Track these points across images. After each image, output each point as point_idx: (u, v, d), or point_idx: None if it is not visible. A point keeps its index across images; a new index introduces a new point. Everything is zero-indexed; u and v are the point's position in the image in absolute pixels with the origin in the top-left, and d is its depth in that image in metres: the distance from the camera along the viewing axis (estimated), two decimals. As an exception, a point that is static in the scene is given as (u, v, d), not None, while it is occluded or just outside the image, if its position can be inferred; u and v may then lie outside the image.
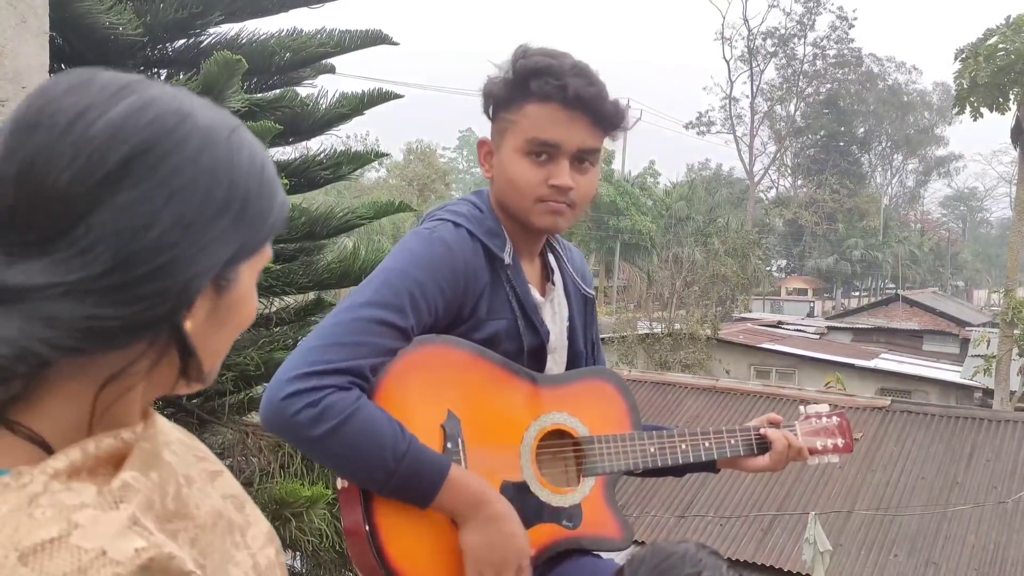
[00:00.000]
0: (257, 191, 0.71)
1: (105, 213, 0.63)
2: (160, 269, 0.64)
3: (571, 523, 1.52)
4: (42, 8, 2.75)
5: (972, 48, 15.18)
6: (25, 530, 0.58)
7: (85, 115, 0.64)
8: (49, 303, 0.62)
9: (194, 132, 0.67)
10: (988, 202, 69.88)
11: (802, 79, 51.68)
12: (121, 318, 0.64)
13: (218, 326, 0.72)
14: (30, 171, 0.63)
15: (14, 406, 0.65)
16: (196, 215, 0.66)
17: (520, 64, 1.47)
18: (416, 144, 40.77)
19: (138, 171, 0.64)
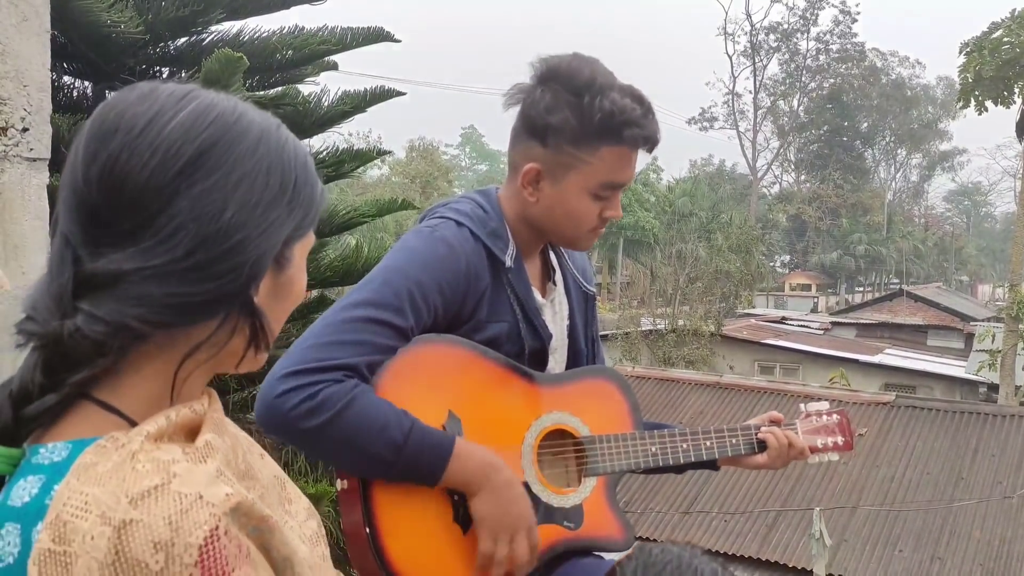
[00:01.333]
0: (304, 178, 0.80)
1: (183, 202, 0.72)
2: (233, 248, 0.74)
3: (572, 524, 1.51)
4: (43, 7, 2.75)
5: (977, 42, 15.13)
6: (131, 480, 0.68)
7: (158, 118, 0.73)
8: (138, 285, 0.71)
9: (251, 127, 0.77)
10: (992, 197, 69.69)
11: (805, 74, 51.58)
12: (202, 294, 0.73)
13: (277, 301, 0.81)
14: (112, 172, 0.72)
15: (99, 383, 0.74)
16: (259, 198, 0.76)
17: (608, 108, 1.42)
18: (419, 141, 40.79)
19: (209, 163, 0.73)
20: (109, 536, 0.66)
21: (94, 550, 0.66)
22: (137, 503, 0.67)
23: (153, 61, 5.16)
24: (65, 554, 0.66)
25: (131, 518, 0.66)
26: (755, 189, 49.41)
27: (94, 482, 0.68)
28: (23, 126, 2.88)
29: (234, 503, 0.70)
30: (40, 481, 0.71)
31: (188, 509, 0.67)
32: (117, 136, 0.72)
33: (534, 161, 1.48)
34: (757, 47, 50.12)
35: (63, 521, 0.67)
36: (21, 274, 2.69)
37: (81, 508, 0.67)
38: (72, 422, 0.74)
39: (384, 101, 5.78)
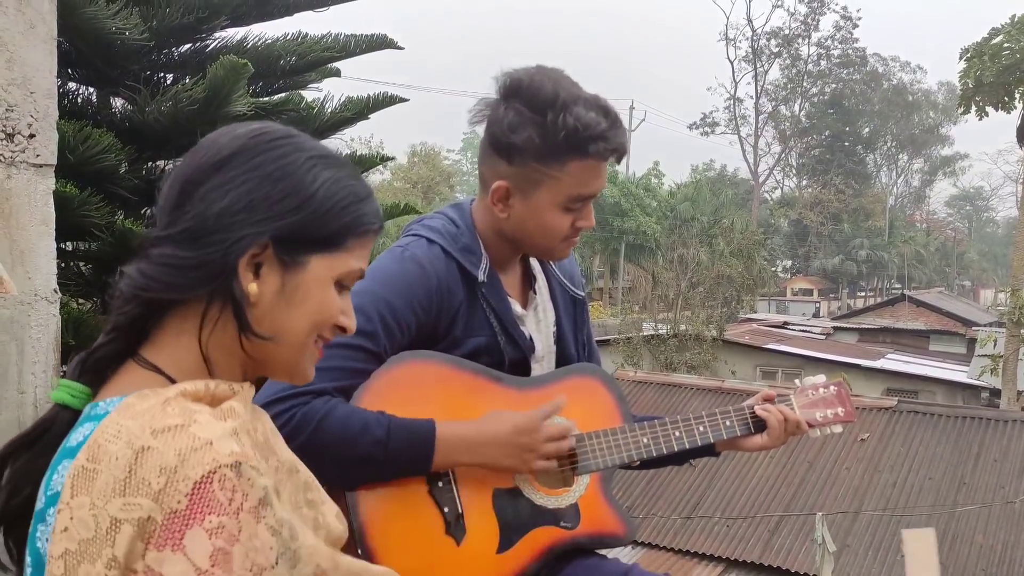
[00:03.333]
0: (327, 197, 0.92)
1: (204, 188, 0.89)
2: (222, 227, 0.87)
3: (569, 524, 1.51)
4: (50, 14, 2.77)
5: (977, 47, 15.15)
6: (159, 418, 0.81)
7: (224, 134, 0.93)
8: (149, 247, 0.90)
9: (285, 146, 0.92)
10: (994, 201, 69.57)
11: (806, 79, 51.58)
12: (187, 258, 0.87)
13: (287, 304, 0.91)
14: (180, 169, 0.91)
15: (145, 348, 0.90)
16: (261, 195, 0.89)
17: (571, 125, 1.42)
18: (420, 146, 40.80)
19: (234, 162, 0.90)
20: (129, 458, 0.78)
21: (115, 468, 0.78)
22: (157, 435, 0.79)
23: (158, 67, 5.19)
24: (94, 470, 0.79)
25: (149, 445, 0.79)
26: (757, 194, 49.38)
27: (129, 416, 0.82)
28: (30, 132, 2.89)
29: (235, 460, 0.79)
30: (92, 427, 0.84)
31: (197, 448, 0.78)
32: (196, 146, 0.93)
33: (502, 178, 1.49)
34: (759, 52, 50.15)
35: (98, 444, 0.80)
36: (27, 279, 2.70)
37: (114, 435, 0.80)
38: (125, 380, 0.89)
39: (387, 107, 5.81)
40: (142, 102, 4.76)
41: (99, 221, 4.50)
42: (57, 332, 2.61)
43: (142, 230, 4.49)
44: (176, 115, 4.65)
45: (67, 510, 0.79)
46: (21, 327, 2.57)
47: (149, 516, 0.76)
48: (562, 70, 1.49)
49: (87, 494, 0.78)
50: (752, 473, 9.71)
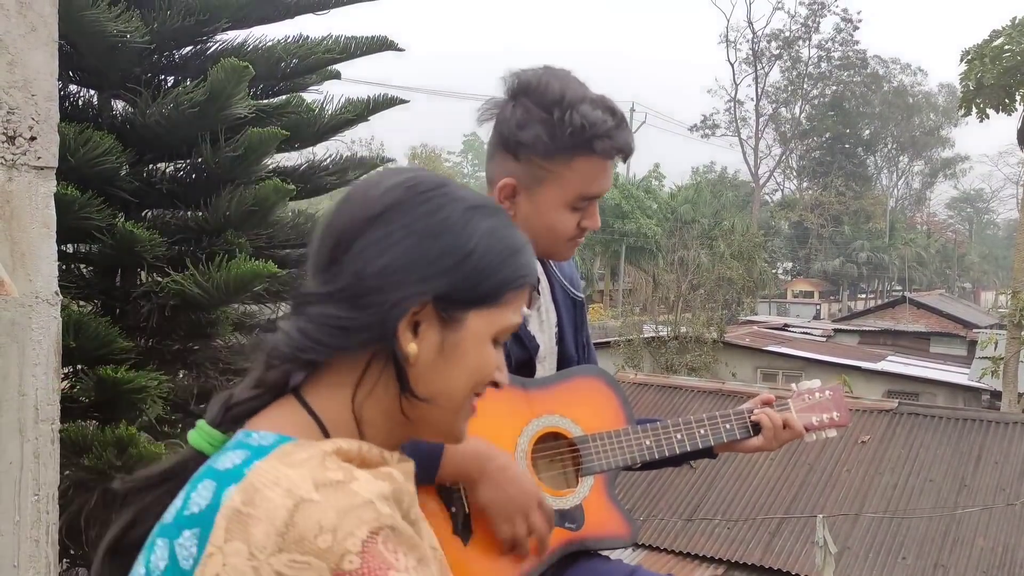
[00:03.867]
0: (485, 252, 0.89)
1: (361, 244, 0.87)
2: (384, 286, 0.86)
3: (574, 525, 1.52)
4: (51, 16, 2.77)
5: (978, 49, 15.14)
6: (319, 471, 0.79)
7: (375, 184, 0.91)
8: (310, 306, 0.88)
9: (440, 197, 0.90)
10: (995, 204, 69.59)
11: (807, 81, 51.59)
12: (348, 319, 0.86)
13: (446, 363, 0.89)
14: (327, 220, 0.91)
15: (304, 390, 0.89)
16: (420, 253, 0.87)
17: (577, 122, 1.44)
18: (421, 148, 40.83)
19: (389, 216, 0.88)
20: (289, 508, 0.75)
21: (274, 517, 0.75)
22: (320, 488, 0.77)
23: (159, 70, 5.20)
24: (249, 516, 0.76)
25: (311, 497, 0.76)
26: (757, 196, 49.39)
27: (289, 464, 0.79)
28: (31, 135, 2.90)
29: (393, 523, 0.78)
30: (244, 455, 0.83)
31: (358, 507, 0.77)
32: (345, 196, 0.93)
33: (508, 176, 1.50)
34: (759, 54, 50.16)
35: (256, 488, 0.77)
36: (28, 281, 2.71)
37: (273, 481, 0.78)
38: (279, 415, 0.88)
39: (387, 109, 5.82)
40: (143, 105, 4.76)
41: (100, 223, 4.50)
42: (58, 334, 2.62)
43: (144, 233, 4.50)
44: (177, 117, 4.66)
45: (219, 555, 0.76)
46: (22, 329, 2.57)
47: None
48: (569, 71, 1.51)
49: (243, 542, 0.75)
50: (753, 475, 9.70)
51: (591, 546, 1.56)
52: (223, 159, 4.79)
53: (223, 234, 4.91)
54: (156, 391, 4.43)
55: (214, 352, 5.22)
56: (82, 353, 4.36)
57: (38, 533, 2.56)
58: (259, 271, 4.50)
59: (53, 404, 2.59)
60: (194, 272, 4.57)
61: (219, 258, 4.64)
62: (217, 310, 4.93)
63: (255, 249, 5.07)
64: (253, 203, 4.74)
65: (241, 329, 5.59)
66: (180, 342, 5.13)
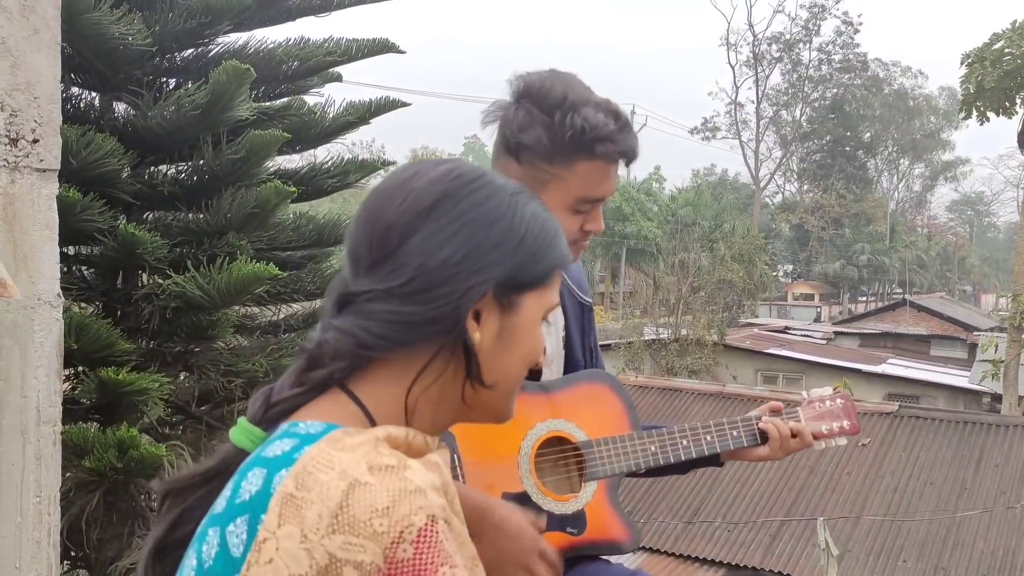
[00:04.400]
0: (535, 236, 0.91)
1: (416, 239, 0.87)
2: (448, 279, 0.86)
3: (576, 530, 1.52)
4: (54, 19, 2.78)
5: (978, 53, 15.16)
6: (373, 455, 0.78)
7: (416, 176, 0.91)
8: (368, 303, 0.87)
9: (485, 187, 0.91)
10: (995, 206, 69.59)
11: (808, 84, 51.60)
12: (416, 314, 0.86)
13: (505, 347, 0.91)
14: (372, 214, 0.90)
15: (350, 381, 0.88)
16: (477, 242, 0.88)
17: (579, 125, 1.43)
18: (422, 151, 40.87)
19: (441, 209, 0.88)
20: (343, 490, 0.74)
21: (327, 499, 0.74)
22: (374, 471, 0.76)
23: (160, 72, 5.21)
24: (303, 499, 0.75)
25: (366, 480, 0.75)
26: (758, 199, 49.40)
27: (341, 448, 0.79)
28: (33, 137, 2.91)
29: (442, 514, 0.77)
30: (293, 443, 0.81)
31: (412, 492, 0.75)
32: (382, 190, 0.91)
33: (511, 178, 1.49)
34: (759, 57, 50.17)
35: (308, 472, 0.76)
36: (30, 283, 2.71)
37: (326, 464, 0.77)
38: (326, 405, 0.87)
39: (388, 111, 5.82)
40: (144, 107, 4.77)
41: (101, 226, 4.51)
42: (60, 336, 2.62)
43: (146, 235, 4.51)
44: (179, 120, 4.67)
45: (272, 539, 0.75)
46: (24, 331, 2.57)
47: (372, 561, 0.73)
48: (575, 75, 1.50)
49: (297, 524, 0.74)
50: (753, 478, 9.70)
51: (593, 551, 1.55)
52: (224, 161, 4.80)
53: (224, 236, 4.91)
54: (157, 393, 4.43)
55: (215, 354, 5.22)
56: (83, 355, 4.37)
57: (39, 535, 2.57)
58: (260, 273, 4.50)
59: (55, 406, 2.59)
60: (195, 274, 4.58)
61: (220, 260, 4.65)
62: (218, 312, 4.94)
63: (256, 251, 5.08)
64: (254, 205, 4.76)
65: (242, 331, 5.59)
66: (181, 344, 5.13)
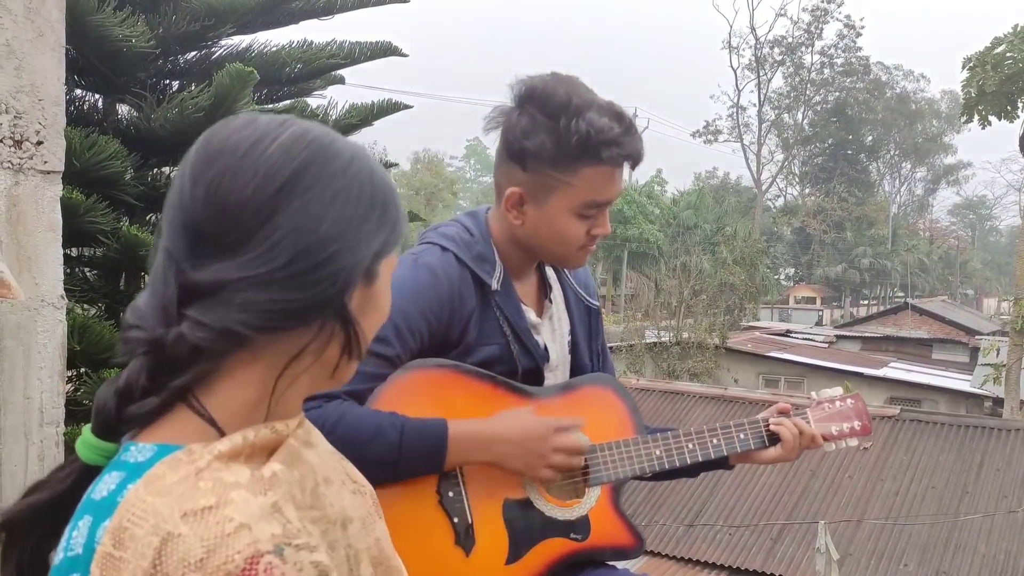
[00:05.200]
0: (390, 199, 0.85)
1: (283, 216, 0.77)
2: (329, 258, 0.78)
3: (579, 535, 1.50)
4: (59, 22, 2.79)
5: (980, 57, 15.16)
6: (189, 496, 0.71)
7: (261, 141, 0.79)
8: (242, 292, 0.76)
9: (343, 148, 0.82)
10: (997, 210, 69.62)
11: (810, 87, 51.61)
12: (300, 300, 0.77)
13: (366, 315, 0.85)
14: (217, 191, 0.77)
15: (200, 388, 0.78)
16: (352, 213, 0.80)
17: (584, 130, 1.41)
18: (423, 153, 40.91)
19: (306, 179, 0.79)
20: (156, 547, 0.68)
21: (141, 558, 0.68)
22: (188, 518, 0.69)
23: (164, 74, 5.22)
24: (120, 559, 0.69)
25: (178, 532, 0.69)
26: (760, 202, 49.39)
27: (157, 492, 0.71)
28: (37, 139, 2.91)
29: (277, 544, 0.70)
30: (120, 478, 0.75)
31: (229, 536, 0.69)
32: (222, 158, 0.78)
33: (516, 185, 1.48)
34: (762, 60, 50.18)
35: (123, 527, 0.70)
36: (34, 285, 2.72)
37: (140, 516, 0.70)
38: (167, 424, 0.78)
39: (391, 114, 5.83)
40: (148, 109, 4.79)
41: (104, 227, 4.52)
42: (63, 338, 2.63)
43: (149, 237, 4.51)
44: (182, 122, 4.67)
45: None
46: (28, 333, 2.58)
47: None
48: (577, 77, 1.48)
49: None
50: (755, 481, 9.69)
51: (597, 556, 1.54)
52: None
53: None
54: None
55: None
56: (86, 356, 4.37)
57: (42, 535, 2.57)
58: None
59: (58, 407, 2.60)
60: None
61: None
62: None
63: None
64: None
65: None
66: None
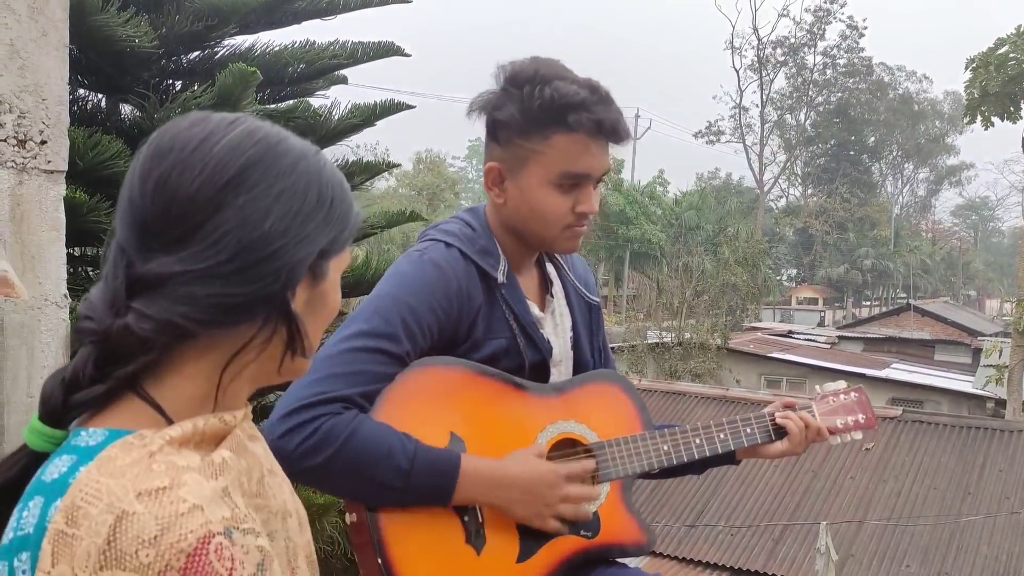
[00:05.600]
0: (340, 197, 0.86)
1: (228, 212, 0.79)
2: (273, 254, 0.80)
3: (589, 532, 1.50)
4: (62, 21, 2.80)
5: (983, 57, 15.14)
6: (143, 477, 0.73)
7: (209, 139, 0.81)
8: (186, 286, 0.78)
9: (291, 147, 0.84)
10: (1000, 211, 69.53)
11: (812, 88, 51.61)
12: (242, 295, 0.79)
13: (313, 313, 0.87)
14: (165, 185, 0.79)
15: (147, 379, 0.80)
16: (298, 210, 0.82)
17: (547, 95, 1.41)
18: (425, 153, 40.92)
19: (253, 177, 0.80)
20: (110, 524, 0.70)
21: (95, 535, 0.70)
22: (143, 498, 0.71)
23: (167, 74, 5.22)
24: (73, 536, 0.71)
25: (133, 510, 0.71)
26: (762, 202, 49.38)
27: (110, 474, 0.73)
28: (41, 139, 2.92)
29: (226, 526, 0.73)
30: (71, 461, 0.76)
31: (183, 514, 0.71)
32: (171, 155, 0.80)
33: (493, 160, 1.49)
34: (764, 61, 50.19)
35: (76, 506, 0.72)
36: (37, 284, 2.73)
37: (94, 495, 0.72)
38: (116, 411, 0.80)
39: (393, 114, 5.83)
40: (151, 109, 4.79)
41: (108, 227, 4.51)
42: (67, 337, 2.64)
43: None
44: (185, 122, 4.67)
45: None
46: (31, 331, 2.59)
47: None
48: (559, 60, 1.48)
49: (67, 563, 0.71)
50: (757, 481, 9.69)
51: (607, 553, 1.54)
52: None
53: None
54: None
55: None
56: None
57: (45, 534, 2.58)
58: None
59: (61, 406, 2.61)
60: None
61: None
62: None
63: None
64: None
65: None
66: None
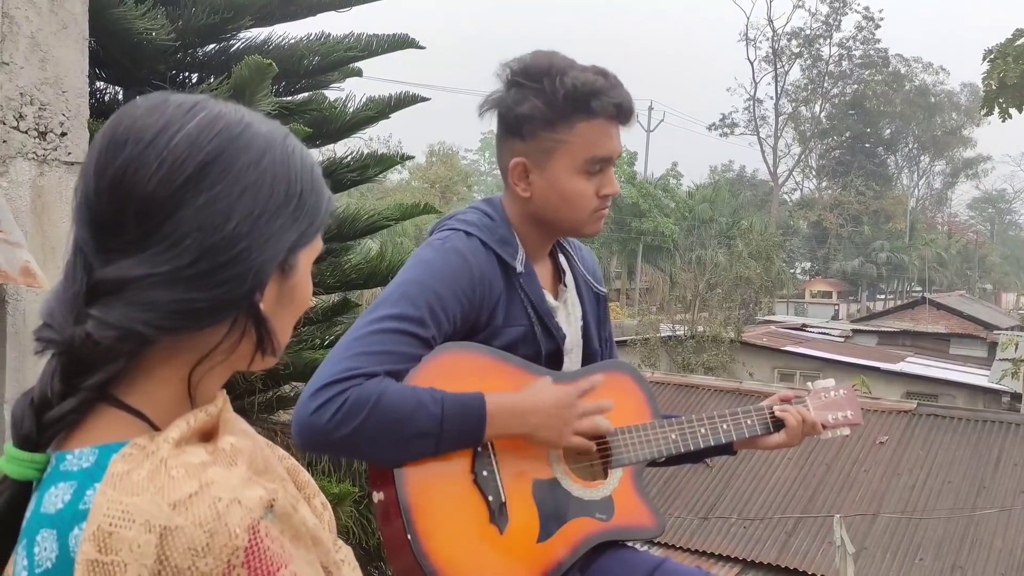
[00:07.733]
0: (310, 187, 0.82)
1: (188, 212, 0.74)
2: (237, 257, 0.75)
3: (604, 515, 1.56)
4: (82, 15, 2.83)
5: (1001, 49, 15.01)
6: (169, 487, 0.70)
7: (165, 130, 0.75)
8: (146, 291, 0.73)
9: (256, 138, 0.78)
10: (1017, 204, 68.98)
11: (827, 80, 51.27)
12: (207, 300, 0.74)
13: (283, 307, 0.82)
14: (121, 183, 0.74)
15: (119, 387, 0.76)
16: (263, 208, 0.77)
17: (570, 84, 1.47)
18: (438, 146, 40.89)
19: (213, 174, 0.75)
20: (155, 543, 0.68)
21: (143, 557, 0.67)
22: (179, 508, 0.69)
23: (183, 67, 5.25)
24: (113, 564, 0.67)
25: (175, 524, 0.68)
26: (776, 195, 49.14)
27: (130, 491, 0.70)
28: (62, 131, 2.95)
29: (267, 503, 0.72)
30: (72, 487, 0.72)
31: (225, 513, 0.69)
32: (126, 148, 0.74)
33: (517, 156, 1.53)
34: (779, 53, 49.87)
35: (106, 532, 0.68)
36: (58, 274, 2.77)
37: (122, 517, 0.68)
38: (94, 426, 0.75)
39: (408, 107, 5.84)
40: (168, 101, 4.82)
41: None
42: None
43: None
44: (201, 114, 4.70)
45: None
46: (53, 321, 2.63)
47: None
48: (556, 52, 1.55)
49: None
50: (770, 474, 9.68)
51: (620, 536, 1.59)
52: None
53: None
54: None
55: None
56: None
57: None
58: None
59: (82, 394, 2.64)
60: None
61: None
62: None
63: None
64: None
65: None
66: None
